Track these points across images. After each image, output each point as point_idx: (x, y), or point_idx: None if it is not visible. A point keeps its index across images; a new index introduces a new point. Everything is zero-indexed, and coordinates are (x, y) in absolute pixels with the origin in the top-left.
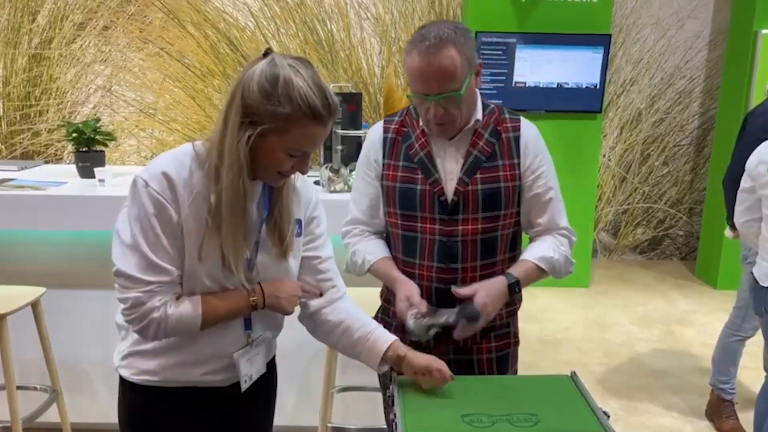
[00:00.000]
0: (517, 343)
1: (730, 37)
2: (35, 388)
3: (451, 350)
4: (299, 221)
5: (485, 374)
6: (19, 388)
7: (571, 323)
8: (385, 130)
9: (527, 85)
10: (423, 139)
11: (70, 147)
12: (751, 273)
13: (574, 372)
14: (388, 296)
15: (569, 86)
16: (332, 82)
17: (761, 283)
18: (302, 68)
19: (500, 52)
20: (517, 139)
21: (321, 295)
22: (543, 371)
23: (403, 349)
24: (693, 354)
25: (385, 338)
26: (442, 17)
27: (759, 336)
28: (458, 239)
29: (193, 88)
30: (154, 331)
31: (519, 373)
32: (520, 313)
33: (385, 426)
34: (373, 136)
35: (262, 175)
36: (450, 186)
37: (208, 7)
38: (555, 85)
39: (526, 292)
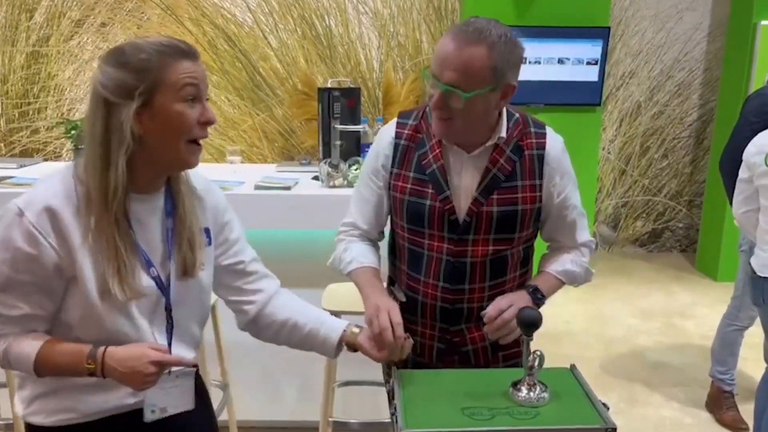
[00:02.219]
0: None
1: (729, 29)
2: None
3: (459, 359)
4: (207, 230)
5: (481, 362)
6: None
7: (570, 316)
8: (398, 135)
9: (526, 79)
10: (438, 150)
11: (68, 144)
12: (749, 264)
13: (574, 365)
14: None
15: (568, 79)
16: (331, 77)
17: (759, 274)
18: (142, 38)
19: None
20: (541, 157)
21: (196, 366)
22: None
23: (354, 337)
24: (694, 346)
25: (335, 329)
26: (440, 11)
27: (759, 327)
28: (467, 260)
29: None
30: None
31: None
32: None
33: (387, 420)
34: (384, 139)
35: (169, 158)
36: (463, 204)
37: (206, 2)
38: (554, 79)
39: None
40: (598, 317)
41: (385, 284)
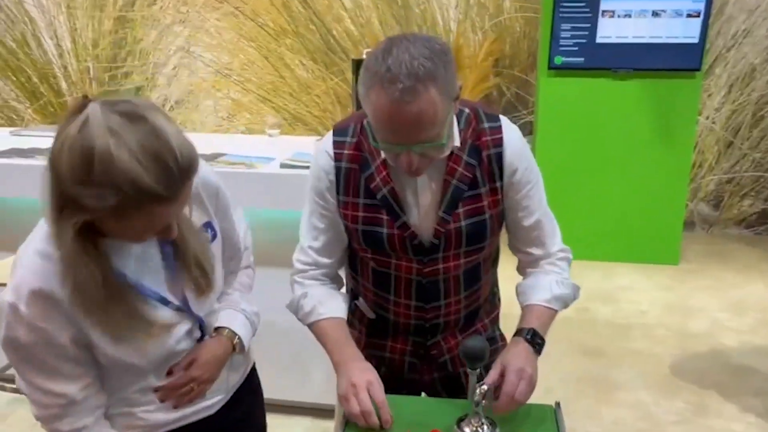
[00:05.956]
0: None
1: None
2: None
3: (435, 368)
4: (209, 223)
5: (458, 368)
6: None
7: (649, 305)
8: (337, 157)
9: (613, 41)
10: (385, 172)
11: None
12: None
13: (558, 403)
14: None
15: (662, 41)
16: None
17: None
18: (127, 130)
19: (583, 5)
20: (500, 156)
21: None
22: (607, 359)
23: None
24: None
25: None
26: None
27: None
28: (440, 278)
29: (266, 47)
30: None
31: (571, 361)
32: (591, 291)
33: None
34: (323, 165)
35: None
36: (425, 226)
37: None
38: (646, 41)
39: (604, 269)
40: (681, 308)
41: (346, 295)
